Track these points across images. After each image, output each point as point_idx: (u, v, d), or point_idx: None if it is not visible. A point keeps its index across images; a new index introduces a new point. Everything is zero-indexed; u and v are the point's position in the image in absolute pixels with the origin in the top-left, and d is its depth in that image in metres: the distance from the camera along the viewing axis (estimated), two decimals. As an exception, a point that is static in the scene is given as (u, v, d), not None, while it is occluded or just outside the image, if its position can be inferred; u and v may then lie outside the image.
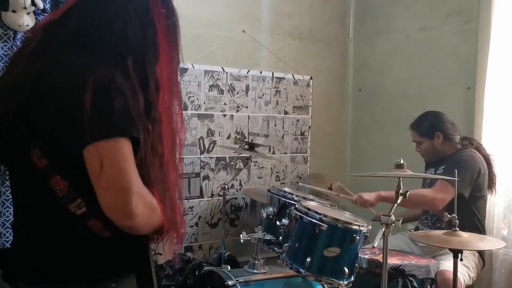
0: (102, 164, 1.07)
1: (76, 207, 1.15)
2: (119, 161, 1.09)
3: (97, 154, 1.07)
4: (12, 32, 2.25)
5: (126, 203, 1.08)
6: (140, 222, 1.12)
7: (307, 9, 3.98)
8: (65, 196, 1.15)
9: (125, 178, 1.09)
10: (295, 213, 2.11)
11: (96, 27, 1.21)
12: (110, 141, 1.09)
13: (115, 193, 1.08)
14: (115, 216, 1.09)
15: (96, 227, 1.16)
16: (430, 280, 2.54)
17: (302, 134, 3.99)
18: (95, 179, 1.09)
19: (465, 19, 3.45)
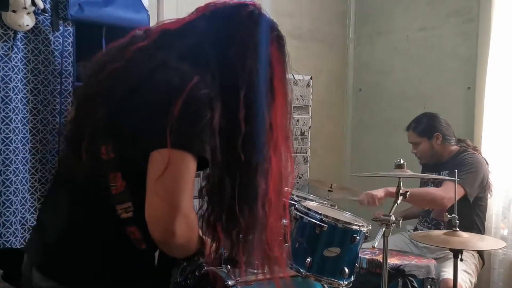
0: (165, 170, 1.06)
1: (123, 210, 1.14)
2: (182, 175, 1.08)
3: (166, 159, 1.06)
4: (12, 32, 2.25)
5: (171, 218, 1.07)
6: (176, 242, 1.09)
7: (307, 9, 3.98)
8: (118, 195, 1.15)
9: (179, 193, 1.08)
10: (295, 213, 2.11)
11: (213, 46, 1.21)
12: (184, 153, 1.08)
13: (165, 203, 1.07)
14: (156, 226, 1.08)
15: (135, 235, 1.15)
16: (430, 280, 2.54)
17: (302, 134, 3.99)
18: (151, 182, 1.08)
19: (465, 19, 3.45)
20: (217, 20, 1.26)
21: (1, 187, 2.24)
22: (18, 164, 2.28)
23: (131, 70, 1.21)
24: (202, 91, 1.12)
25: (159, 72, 1.16)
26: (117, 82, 1.20)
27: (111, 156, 1.15)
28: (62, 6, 2.36)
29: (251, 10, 1.27)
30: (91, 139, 1.19)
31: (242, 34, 1.23)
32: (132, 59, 1.23)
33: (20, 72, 2.29)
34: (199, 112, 1.10)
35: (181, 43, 1.23)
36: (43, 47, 2.34)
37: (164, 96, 1.12)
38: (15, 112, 2.27)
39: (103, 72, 1.24)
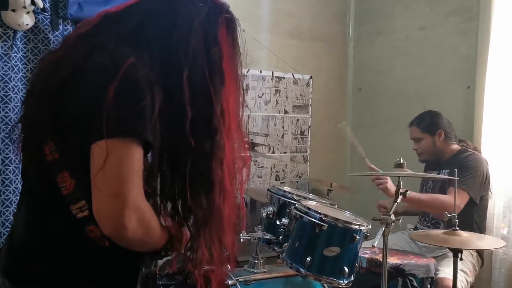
0: (105, 161, 0.99)
1: (78, 209, 1.08)
2: (124, 165, 1.01)
3: (104, 150, 0.99)
4: (11, 31, 2.25)
5: (118, 212, 1.00)
6: (131, 237, 1.02)
7: (307, 9, 3.98)
8: (69, 195, 1.08)
9: (125, 184, 1.00)
10: (295, 212, 2.11)
11: (154, 27, 1.14)
12: (124, 140, 1.01)
13: (109, 197, 1.00)
14: (104, 222, 1.01)
15: (95, 233, 1.08)
16: (430, 279, 2.54)
17: (302, 133, 3.99)
18: (93, 177, 1.01)
19: (465, 19, 3.45)
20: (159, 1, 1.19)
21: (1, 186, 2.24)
22: (18, 164, 2.28)
23: (66, 58, 1.14)
24: (138, 73, 1.04)
25: (93, 57, 1.08)
26: (55, 72, 1.13)
27: (56, 157, 1.08)
28: (61, 5, 2.35)
29: None
30: (32, 140, 1.13)
31: (186, 14, 1.15)
32: (70, 47, 1.16)
33: (19, 71, 2.29)
34: (137, 94, 1.02)
35: (121, 26, 1.16)
36: (43, 46, 2.33)
37: (97, 82, 1.04)
38: (14, 112, 2.27)
39: (42, 65, 1.19)
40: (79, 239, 1.10)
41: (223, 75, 1.17)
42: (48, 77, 1.15)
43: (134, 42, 1.12)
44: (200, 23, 1.15)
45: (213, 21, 1.18)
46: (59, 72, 1.12)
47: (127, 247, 1.08)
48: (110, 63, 1.05)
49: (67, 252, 1.12)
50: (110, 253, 1.10)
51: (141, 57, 1.08)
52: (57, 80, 1.12)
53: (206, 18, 1.17)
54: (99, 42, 1.12)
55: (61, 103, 1.09)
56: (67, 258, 1.12)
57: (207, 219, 1.15)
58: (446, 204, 2.69)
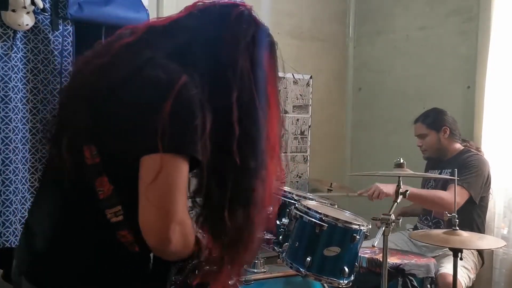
0: (157, 176, 1.02)
1: (113, 214, 1.10)
2: (174, 181, 1.04)
3: (159, 164, 1.02)
4: (11, 32, 2.25)
5: (165, 226, 1.03)
6: (172, 249, 1.06)
7: (307, 9, 3.98)
8: (106, 199, 1.10)
9: (174, 200, 1.04)
10: (295, 212, 2.11)
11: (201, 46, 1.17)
12: (175, 156, 1.04)
13: (158, 210, 1.03)
14: (150, 234, 1.04)
15: (127, 238, 1.10)
16: (430, 279, 2.54)
17: (302, 133, 3.99)
18: (144, 188, 1.03)
19: (465, 19, 3.45)
20: (206, 19, 1.21)
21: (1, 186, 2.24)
22: (18, 164, 2.28)
23: (116, 66, 1.15)
24: (192, 91, 1.07)
25: (147, 69, 1.11)
26: (101, 79, 1.15)
27: (96, 161, 1.10)
28: (61, 5, 2.35)
29: (241, 11, 1.23)
30: (72, 142, 1.14)
31: (233, 35, 1.18)
32: (117, 55, 1.18)
33: (19, 71, 2.29)
34: (190, 112, 1.06)
35: (169, 41, 1.18)
36: (43, 47, 2.33)
37: (152, 96, 1.07)
38: (14, 112, 2.27)
39: (87, 69, 1.20)
40: (110, 243, 1.12)
41: (268, 97, 1.20)
42: (94, 81, 1.16)
43: (182, 59, 1.14)
44: (246, 45, 1.18)
45: (258, 44, 1.21)
46: (107, 79, 1.14)
47: (162, 257, 1.11)
48: (165, 79, 1.08)
49: (97, 255, 1.13)
50: (139, 258, 1.13)
51: (191, 75, 1.10)
52: (104, 86, 1.13)
53: (252, 40, 1.20)
54: (151, 56, 1.14)
55: (109, 110, 1.12)
56: (96, 261, 1.13)
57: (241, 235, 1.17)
58: (445, 201, 2.69)
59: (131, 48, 1.18)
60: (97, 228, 1.13)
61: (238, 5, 1.24)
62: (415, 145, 3.12)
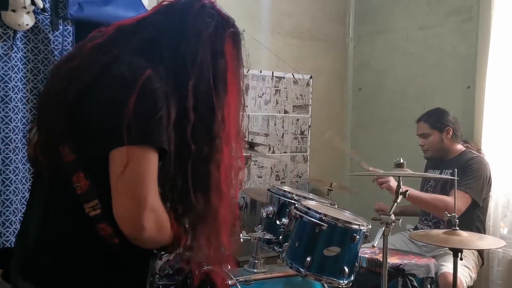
0: (125, 167, 1.07)
1: (91, 208, 1.15)
2: (143, 170, 1.09)
3: (125, 157, 1.07)
4: (11, 32, 2.25)
5: (138, 214, 1.08)
6: (147, 236, 1.10)
7: (307, 9, 3.98)
8: (83, 194, 1.15)
9: (143, 188, 1.09)
10: (295, 212, 2.11)
11: (166, 40, 1.22)
12: (143, 148, 1.09)
13: (129, 200, 1.08)
14: (124, 223, 1.09)
15: (106, 231, 1.15)
16: (430, 279, 2.54)
17: (302, 133, 3.99)
18: (114, 181, 1.09)
19: (465, 18, 3.45)
20: (170, 14, 1.27)
21: (1, 186, 2.24)
22: (18, 164, 2.28)
23: (85, 67, 1.21)
24: (155, 85, 1.12)
25: (112, 67, 1.16)
26: (72, 81, 1.20)
27: (72, 158, 1.16)
28: (61, 5, 2.35)
29: (203, 4, 1.28)
30: (49, 142, 1.20)
31: (195, 27, 1.23)
32: (87, 56, 1.23)
33: (19, 71, 2.29)
34: (154, 105, 1.11)
35: (135, 38, 1.24)
36: (43, 47, 2.33)
37: (117, 92, 1.12)
38: (14, 112, 2.27)
39: (59, 72, 1.26)
40: (91, 236, 1.17)
41: (227, 85, 1.25)
42: (66, 84, 1.21)
43: (148, 54, 1.20)
44: (208, 36, 1.24)
45: (220, 34, 1.27)
46: (78, 80, 1.20)
47: (140, 245, 1.15)
48: (129, 75, 1.14)
49: (80, 249, 1.18)
50: (119, 249, 1.17)
51: (156, 69, 1.16)
52: (76, 87, 1.19)
53: (214, 32, 1.25)
54: (117, 54, 1.20)
55: (81, 110, 1.17)
56: (80, 255, 1.18)
57: (203, 218, 1.23)
58: (449, 206, 2.67)
59: (99, 48, 1.24)
60: (77, 223, 1.18)
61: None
62: (415, 145, 3.12)
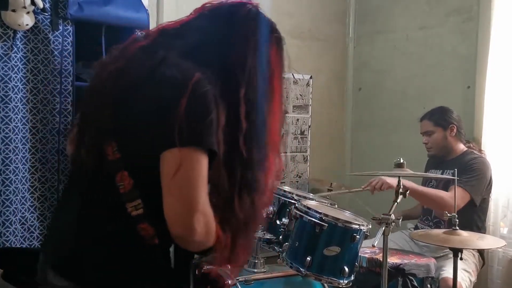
0: (178, 169, 1.07)
1: (133, 208, 1.15)
2: (196, 173, 1.10)
3: (179, 158, 1.08)
4: (11, 32, 2.25)
5: (190, 216, 1.08)
6: (197, 238, 1.11)
7: (307, 9, 3.98)
8: (127, 193, 1.15)
9: (195, 190, 1.09)
10: (295, 212, 2.11)
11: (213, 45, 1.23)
12: (195, 149, 1.10)
13: (182, 202, 1.09)
14: (175, 225, 1.09)
15: (147, 231, 1.15)
16: (430, 279, 2.54)
17: (302, 133, 3.99)
18: (166, 182, 1.09)
19: (465, 18, 3.45)
20: (216, 19, 1.27)
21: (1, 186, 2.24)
22: (18, 164, 2.28)
23: (132, 68, 1.22)
24: (205, 87, 1.13)
25: (161, 69, 1.17)
26: (119, 81, 1.22)
27: (117, 156, 1.16)
28: (61, 5, 2.35)
29: (249, 9, 1.29)
30: (94, 140, 1.21)
31: (242, 33, 1.24)
32: (133, 58, 1.25)
33: (19, 71, 2.29)
34: (205, 108, 1.12)
35: (181, 42, 1.24)
36: (43, 47, 2.33)
37: (168, 94, 1.13)
38: (14, 112, 2.27)
39: (104, 72, 1.26)
40: (130, 236, 1.17)
41: (274, 92, 1.27)
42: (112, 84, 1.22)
43: (195, 59, 1.20)
44: (255, 43, 1.25)
45: (265, 40, 1.28)
46: (125, 81, 1.21)
47: (186, 247, 1.16)
48: (180, 77, 1.14)
49: (118, 248, 1.18)
50: (159, 250, 1.18)
51: (205, 72, 1.16)
52: (123, 88, 1.20)
53: (260, 38, 1.27)
54: (165, 56, 1.20)
55: (128, 110, 1.19)
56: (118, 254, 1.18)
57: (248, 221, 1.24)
58: (446, 201, 2.69)
59: (145, 50, 1.25)
60: (118, 222, 1.18)
61: (245, 3, 1.30)
62: (415, 145, 3.12)
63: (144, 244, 1.16)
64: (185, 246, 1.15)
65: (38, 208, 2.34)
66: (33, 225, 2.32)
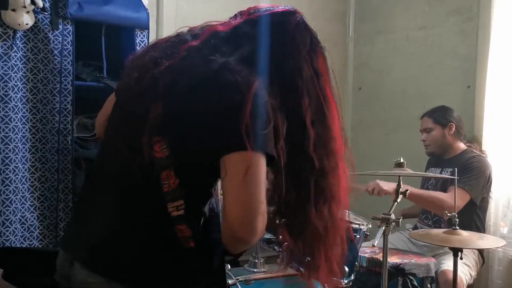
0: (247, 172, 1.08)
1: (175, 208, 1.13)
2: (261, 176, 1.10)
3: (246, 162, 1.08)
4: (11, 31, 2.25)
5: (253, 217, 1.08)
6: (256, 239, 1.12)
7: (307, 8, 3.94)
8: (170, 192, 1.13)
9: (260, 194, 1.09)
10: (295, 212, 2.10)
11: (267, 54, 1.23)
12: (259, 153, 1.10)
13: (246, 204, 1.09)
14: (238, 225, 1.09)
15: (184, 233, 1.14)
16: (430, 278, 2.54)
17: (302, 133, 3.98)
18: (231, 184, 1.09)
19: (465, 18, 3.45)
20: (266, 27, 1.27)
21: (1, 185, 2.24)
22: (18, 163, 2.28)
23: (189, 68, 1.20)
24: (265, 95, 1.14)
25: (223, 72, 1.16)
26: (176, 79, 1.19)
27: (165, 154, 1.14)
28: (61, 4, 2.35)
29: (298, 19, 1.32)
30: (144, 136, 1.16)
31: (296, 43, 1.26)
32: (188, 57, 1.22)
33: (19, 71, 2.29)
34: (266, 113, 1.13)
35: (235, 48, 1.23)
36: (43, 46, 2.33)
37: (231, 98, 1.12)
38: (14, 111, 2.27)
39: (157, 68, 1.21)
40: (167, 236, 1.15)
41: (330, 100, 1.28)
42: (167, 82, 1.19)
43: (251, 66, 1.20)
44: (307, 52, 1.27)
45: (314, 51, 1.31)
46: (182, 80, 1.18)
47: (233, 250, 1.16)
48: (243, 82, 1.13)
49: (154, 247, 1.16)
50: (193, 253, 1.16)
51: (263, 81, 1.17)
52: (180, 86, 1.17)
53: (310, 47, 1.30)
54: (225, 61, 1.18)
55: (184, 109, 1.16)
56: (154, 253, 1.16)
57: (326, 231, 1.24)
58: (445, 203, 2.69)
59: (200, 51, 1.22)
60: (157, 221, 1.16)
61: (294, 12, 1.34)
62: (415, 145, 3.12)
63: (180, 246, 1.15)
64: (238, 248, 1.15)
65: (38, 208, 2.34)
66: (33, 225, 2.32)
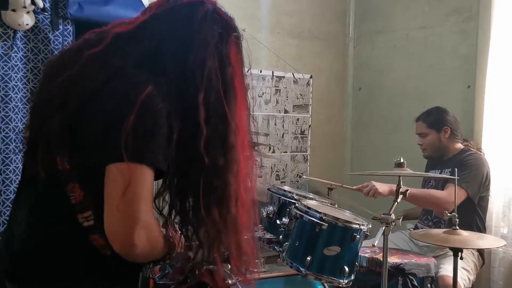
0: (120, 183, 1.05)
1: (85, 219, 1.13)
2: (138, 187, 1.07)
3: (120, 172, 1.06)
4: (11, 31, 2.25)
5: (129, 231, 1.06)
6: (139, 253, 1.09)
7: (307, 8, 3.98)
8: (78, 204, 1.13)
9: (135, 206, 1.06)
10: (295, 212, 2.11)
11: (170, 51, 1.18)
12: (138, 165, 1.07)
13: (122, 215, 1.06)
14: (114, 239, 1.07)
15: (98, 242, 1.13)
16: (430, 278, 2.54)
17: (302, 133, 3.99)
18: (108, 195, 1.07)
19: (465, 18, 3.45)
20: (172, 21, 1.21)
21: (1, 186, 2.24)
22: (18, 163, 2.28)
23: (85, 77, 1.17)
24: (156, 103, 1.10)
25: (114, 81, 1.14)
26: (72, 90, 1.17)
27: (66, 167, 1.13)
28: (61, 5, 2.35)
29: (206, 9, 1.22)
30: (46, 149, 1.17)
31: (201, 36, 1.19)
32: (86, 65, 1.19)
33: (19, 71, 2.29)
34: (153, 123, 1.09)
35: (135, 48, 1.20)
36: (43, 46, 2.33)
37: (117, 108, 1.10)
38: (14, 111, 2.27)
39: (58, 78, 1.20)
40: (83, 245, 1.14)
41: (236, 92, 1.21)
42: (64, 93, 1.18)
43: (151, 67, 1.16)
44: (215, 45, 1.19)
45: (225, 41, 1.22)
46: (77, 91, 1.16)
47: (131, 260, 1.12)
48: (130, 91, 1.10)
49: (71, 256, 1.16)
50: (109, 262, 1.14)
51: (159, 84, 1.12)
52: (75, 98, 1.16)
53: (220, 39, 1.21)
54: (119, 66, 1.16)
55: (79, 122, 1.15)
56: (70, 262, 1.16)
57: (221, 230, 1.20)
58: (441, 200, 2.70)
59: (99, 57, 1.19)
60: (72, 231, 1.15)
61: (203, 2, 1.23)
62: (415, 145, 3.12)
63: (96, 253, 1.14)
64: (129, 259, 1.11)
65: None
66: (33, 225, 2.32)
